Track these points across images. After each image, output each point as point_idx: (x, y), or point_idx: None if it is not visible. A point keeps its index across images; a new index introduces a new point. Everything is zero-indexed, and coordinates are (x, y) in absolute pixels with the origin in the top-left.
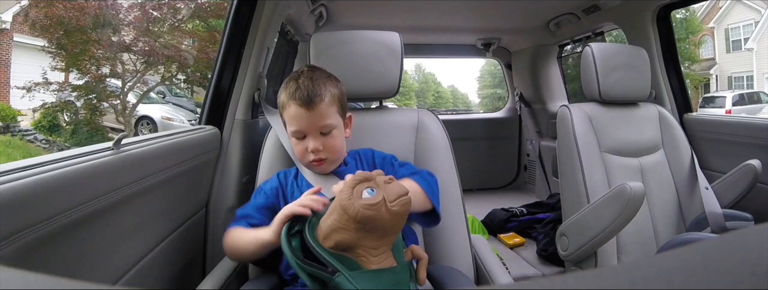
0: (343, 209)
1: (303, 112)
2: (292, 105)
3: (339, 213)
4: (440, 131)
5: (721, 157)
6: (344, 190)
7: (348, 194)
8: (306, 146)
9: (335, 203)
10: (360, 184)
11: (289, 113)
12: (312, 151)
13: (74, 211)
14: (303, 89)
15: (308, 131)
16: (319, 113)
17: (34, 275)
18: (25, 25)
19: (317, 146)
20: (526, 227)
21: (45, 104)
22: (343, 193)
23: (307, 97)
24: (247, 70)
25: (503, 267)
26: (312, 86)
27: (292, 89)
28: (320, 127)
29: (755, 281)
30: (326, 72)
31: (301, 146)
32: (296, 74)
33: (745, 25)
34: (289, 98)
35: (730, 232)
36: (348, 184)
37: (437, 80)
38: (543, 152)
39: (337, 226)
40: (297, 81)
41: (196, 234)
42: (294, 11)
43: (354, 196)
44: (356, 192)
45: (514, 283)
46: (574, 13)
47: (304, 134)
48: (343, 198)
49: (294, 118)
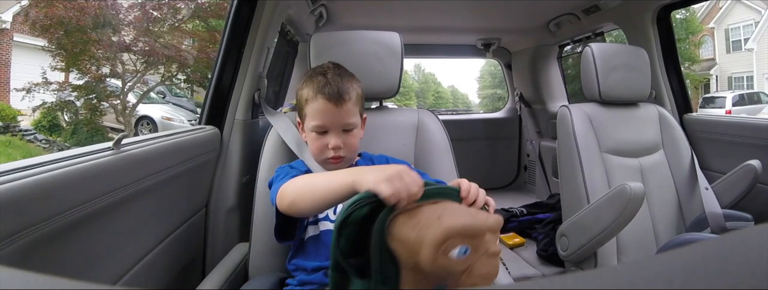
0: (421, 246)
1: (331, 107)
2: (319, 99)
3: (415, 241)
4: (440, 131)
5: (721, 157)
6: (440, 234)
7: (439, 241)
8: (326, 142)
9: (424, 226)
10: (461, 237)
11: (315, 107)
12: (333, 148)
13: (74, 211)
14: (333, 84)
15: (332, 127)
16: (346, 110)
17: (34, 275)
18: (26, 25)
19: (338, 143)
20: (526, 227)
21: (45, 104)
22: (436, 234)
23: (337, 93)
24: (247, 70)
25: (503, 267)
26: (341, 83)
27: (321, 84)
28: (344, 124)
29: (755, 281)
30: (349, 71)
31: (320, 142)
32: (322, 69)
33: (745, 26)
34: (317, 92)
35: (730, 232)
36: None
37: (437, 80)
38: (543, 153)
39: (405, 243)
40: (325, 76)
41: (196, 234)
42: (294, 11)
43: (442, 248)
44: (448, 245)
45: (514, 283)
46: (574, 14)
47: (326, 129)
48: (430, 239)
49: (320, 112)
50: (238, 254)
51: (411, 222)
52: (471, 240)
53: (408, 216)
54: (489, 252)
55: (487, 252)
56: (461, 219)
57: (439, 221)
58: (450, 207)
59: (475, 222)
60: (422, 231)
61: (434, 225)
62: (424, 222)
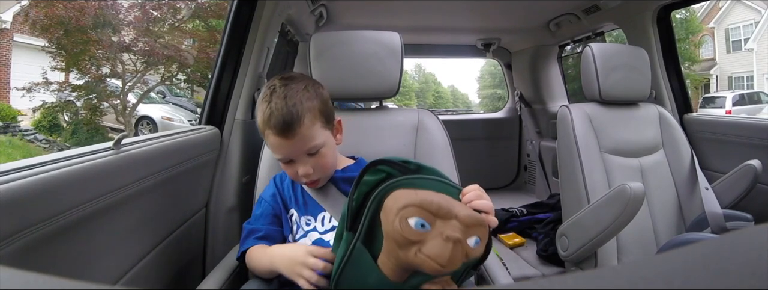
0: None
1: (283, 141)
2: (269, 135)
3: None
4: (440, 131)
5: (721, 157)
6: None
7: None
8: (295, 170)
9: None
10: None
11: (269, 141)
12: (303, 175)
13: (74, 211)
14: (277, 113)
15: (294, 156)
16: (301, 137)
17: (34, 275)
18: (26, 25)
19: (307, 170)
20: (526, 227)
21: (45, 104)
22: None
23: (284, 123)
24: (247, 70)
25: (503, 267)
26: (286, 109)
27: (266, 115)
28: (306, 150)
29: (755, 281)
30: (302, 81)
31: (290, 170)
32: (268, 90)
33: (745, 26)
34: (265, 125)
35: (730, 232)
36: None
37: (437, 80)
38: (543, 153)
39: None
40: (269, 104)
41: (196, 234)
42: (294, 11)
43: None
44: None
45: (514, 283)
46: (574, 14)
47: (290, 159)
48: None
49: (276, 147)
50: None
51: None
52: (431, 216)
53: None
54: (444, 235)
55: (442, 234)
56: (431, 197)
57: (414, 193)
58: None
59: (442, 203)
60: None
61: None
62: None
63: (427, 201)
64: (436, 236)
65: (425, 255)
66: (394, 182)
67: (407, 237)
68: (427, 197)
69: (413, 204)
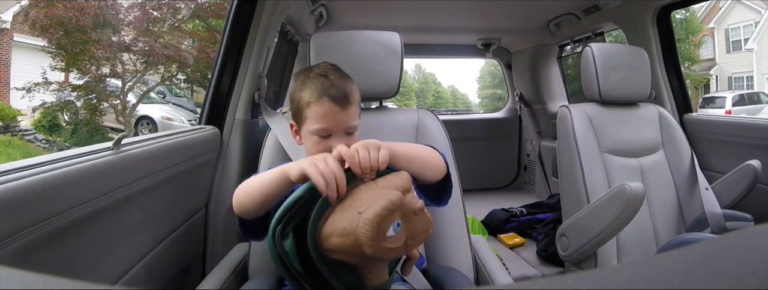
0: (362, 245)
1: (337, 110)
2: (325, 102)
3: (353, 243)
4: (440, 131)
5: (721, 157)
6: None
7: (373, 233)
8: (330, 146)
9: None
10: (388, 218)
11: (319, 110)
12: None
13: (74, 211)
14: (338, 85)
15: (336, 130)
16: (351, 112)
17: (34, 275)
18: (25, 25)
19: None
20: (526, 227)
21: (45, 104)
22: (367, 229)
23: (343, 95)
24: (247, 70)
25: (503, 267)
26: (344, 84)
27: (325, 85)
28: (347, 127)
29: (755, 281)
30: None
31: (323, 145)
32: (320, 69)
33: (745, 26)
34: (322, 94)
35: (730, 232)
36: (374, 221)
37: (437, 80)
38: (543, 153)
39: (346, 250)
40: (327, 77)
41: (196, 234)
42: (294, 11)
43: (379, 236)
44: (382, 230)
45: (514, 283)
46: (574, 14)
47: (330, 133)
48: (364, 236)
49: (325, 115)
50: (238, 254)
51: (337, 231)
52: (396, 213)
53: (331, 228)
54: (415, 210)
55: (414, 210)
56: (377, 204)
57: (362, 216)
58: (359, 198)
59: (388, 197)
60: (353, 233)
61: (360, 221)
62: (349, 227)
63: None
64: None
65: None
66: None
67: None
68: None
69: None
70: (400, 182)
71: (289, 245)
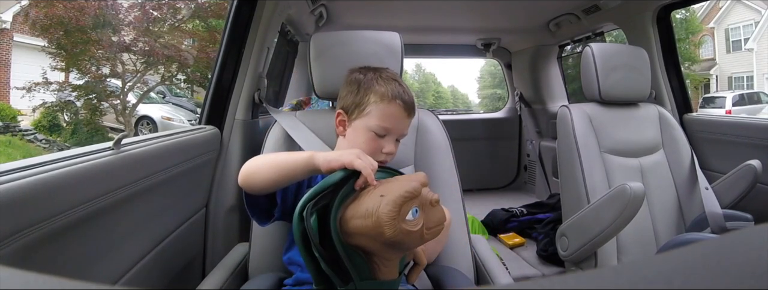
0: (382, 226)
1: (404, 116)
2: (398, 104)
3: (374, 224)
4: (440, 131)
5: (721, 157)
6: (392, 206)
7: (394, 213)
8: (382, 145)
9: (374, 210)
10: (408, 202)
11: (387, 109)
12: (387, 152)
13: (74, 211)
14: (409, 95)
15: (393, 132)
16: (410, 122)
17: (34, 275)
18: (26, 25)
19: (393, 149)
20: (526, 227)
21: (45, 104)
22: (389, 209)
23: (412, 104)
24: (247, 70)
25: (503, 267)
26: (412, 96)
27: (399, 90)
28: (402, 134)
29: (755, 281)
30: None
31: (376, 143)
32: (392, 74)
33: (745, 26)
34: (395, 96)
35: (730, 232)
36: (397, 201)
37: (437, 80)
38: (543, 153)
39: (365, 233)
40: (399, 84)
41: (196, 234)
42: (294, 11)
43: (399, 217)
44: (403, 212)
45: (514, 283)
46: (574, 14)
47: (387, 133)
48: (386, 215)
49: (392, 116)
50: (238, 254)
51: (359, 213)
52: (415, 200)
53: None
54: (432, 201)
55: (431, 202)
56: (400, 187)
57: (385, 198)
58: (381, 186)
59: (410, 183)
60: (375, 214)
61: (382, 203)
62: (372, 208)
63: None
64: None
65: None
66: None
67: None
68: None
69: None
70: (417, 178)
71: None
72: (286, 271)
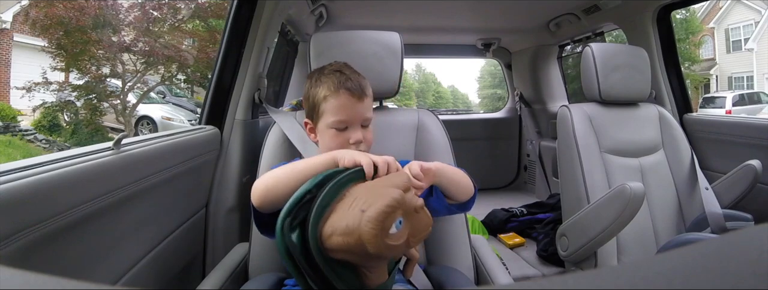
0: (365, 244)
1: (354, 102)
2: (342, 94)
3: (357, 242)
4: (440, 131)
5: (721, 157)
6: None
7: (377, 231)
8: (347, 137)
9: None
10: (391, 216)
11: (336, 103)
12: (354, 142)
13: (74, 211)
14: (354, 80)
15: (352, 122)
16: (366, 105)
17: (34, 275)
18: (26, 25)
19: (359, 137)
20: (526, 227)
21: (45, 104)
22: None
23: (359, 87)
24: (247, 70)
25: (503, 267)
26: (359, 78)
27: (341, 79)
28: (363, 119)
29: (755, 281)
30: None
31: (341, 137)
32: (334, 67)
33: (746, 26)
34: (339, 87)
35: (730, 232)
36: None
37: (437, 80)
38: (543, 153)
39: (347, 250)
40: (343, 73)
41: (196, 234)
42: (294, 11)
43: (383, 233)
44: (386, 227)
45: (514, 283)
46: (574, 14)
47: (347, 125)
48: (368, 234)
49: (341, 107)
50: (238, 254)
51: (340, 230)
52: (398, 210)
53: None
54: (416, 207)
55: (415, 208)
56: (380, 202)
57: (365, 214)
58: (360, 197)
59: (391, 195)
60: (356, 231)
61: (364, 219)
62: (352, 225)
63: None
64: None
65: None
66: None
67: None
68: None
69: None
70: (399, 181)
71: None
72: (286, 271)
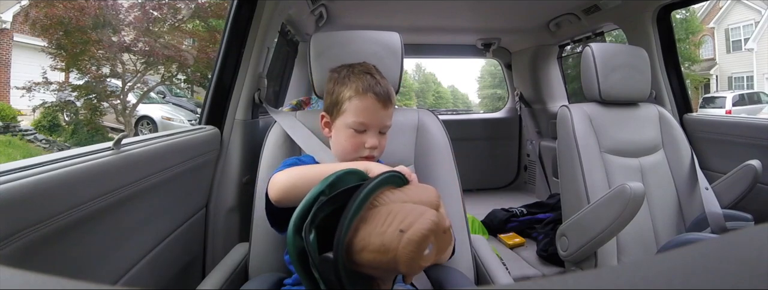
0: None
1: (379, 107)
2: (370, 97)
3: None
4: (440, 131)
5: (721, 157)
6: (414, 247)
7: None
8: (364, 141)
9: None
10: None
11: (361, 104)
12: (370, 147)
13: (75, 211)
14: (383, 85)
15: (373, 126)
16: (389, 112)
17: (34, 275)
18: (26, 25)
19: (375, 143)
20: (526, 227)
21: (45, 104)
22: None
23: (387, 94)
24: (247, 70)
25: (503, 267)
26: (387, 85)
27: (371, 82)
28: (383, 126)
29: (755, 281)
30: None
31: (357, 139)
32: (364, 67)
33: (746, 26)
34: (366, 89)
35: (730, 232)
36: (420, 243)
37: (437, 80)
38: (543, 153)
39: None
40: (373, 76)
41: (196, 234)
42: (294, 11)
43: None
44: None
45: (514, 283)
46: (574, 14)
47: (366, 128)
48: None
49: (365, 110)
50: (238, 254)
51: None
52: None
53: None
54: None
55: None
56: (421, 225)
57: (406, 236)
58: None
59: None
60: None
61: (403, 241)
62: (390, 245)
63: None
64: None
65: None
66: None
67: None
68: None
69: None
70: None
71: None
72: (286, 271)
